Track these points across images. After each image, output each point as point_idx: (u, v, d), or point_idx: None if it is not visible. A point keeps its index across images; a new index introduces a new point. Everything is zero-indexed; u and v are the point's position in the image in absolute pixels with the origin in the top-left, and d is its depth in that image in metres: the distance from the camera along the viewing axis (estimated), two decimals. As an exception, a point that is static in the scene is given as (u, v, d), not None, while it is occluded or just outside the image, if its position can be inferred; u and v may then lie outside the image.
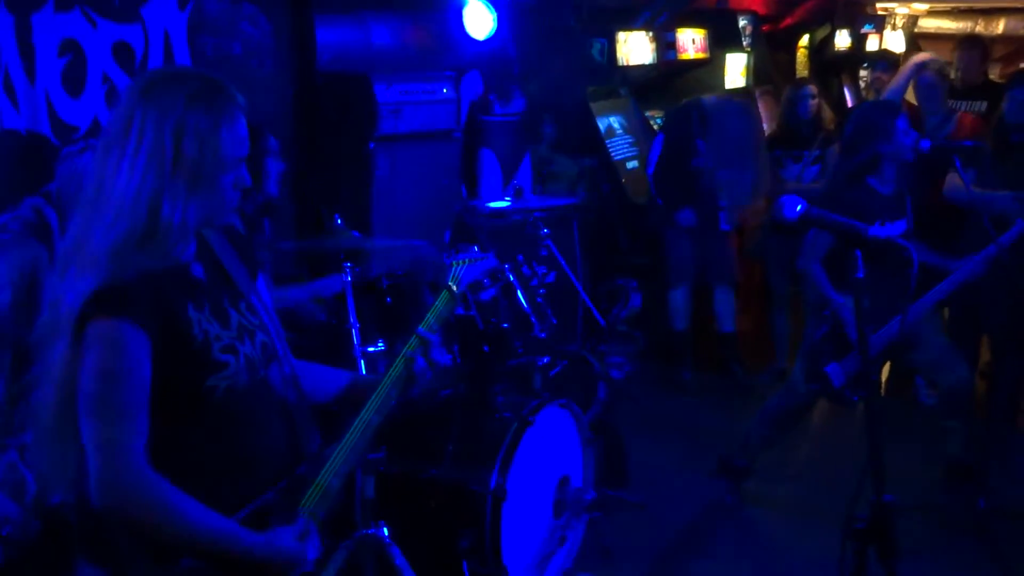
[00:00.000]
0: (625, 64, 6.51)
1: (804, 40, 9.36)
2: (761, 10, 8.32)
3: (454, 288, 2.25)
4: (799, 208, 2.18)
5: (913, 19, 11.09)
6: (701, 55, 7.40)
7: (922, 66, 5.41)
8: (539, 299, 3.74)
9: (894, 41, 10.68)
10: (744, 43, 7.88)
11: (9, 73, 3.01)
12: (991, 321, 4.95)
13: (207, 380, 1.73)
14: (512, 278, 3.60)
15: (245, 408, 1.81)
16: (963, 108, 5.65)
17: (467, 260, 2.32)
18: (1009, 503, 4.18)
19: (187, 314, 1.73)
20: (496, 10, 5.25)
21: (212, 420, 1.76)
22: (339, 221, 3.47)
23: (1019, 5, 10.18)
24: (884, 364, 3.83)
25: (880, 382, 5.14)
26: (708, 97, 5.87)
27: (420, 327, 2.10)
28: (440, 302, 2.21)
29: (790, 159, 5.79)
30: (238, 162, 1.77)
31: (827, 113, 5.94)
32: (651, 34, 6.77)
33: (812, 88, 5.84)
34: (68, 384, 1.66)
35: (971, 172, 4.48)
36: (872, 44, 10.18)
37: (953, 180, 4.67)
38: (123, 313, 1.64)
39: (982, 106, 5.88)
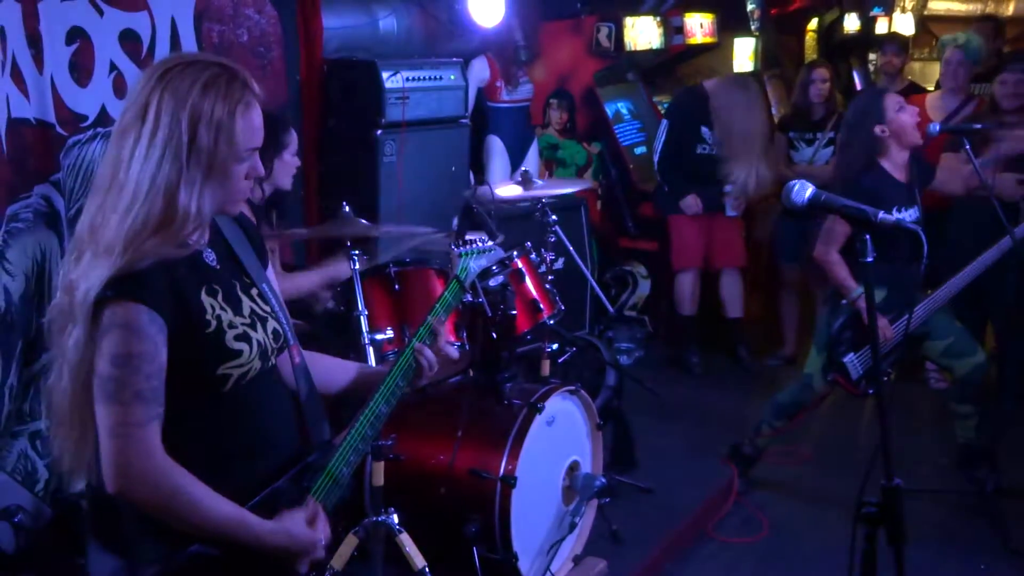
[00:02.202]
0: (633, 49, 6.49)
1: (813, 23, 9.31)
2: (769, -7, 8.29)
3: (463, 279, 2.25)
4: (808, 193, 2.17)
5: (922, 1, 11.02)
6: (709, 39, 7.36)
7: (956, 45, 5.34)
8: (547, 285, 3.74)
9: (903, 24, 10.62)
10: (752, 27, 7.84)
11: (17, 61, 3.01)
12: (997, 305, 4.93)
13: (219, 368, 1.73)
14: (520, 265, 3.60)
15: (256, 396, 1.82)
16: (973, 90, 5.63)
17: (476, 251, 2.32)
18: (1018, 486, 4.17)
19: (200, 300, 1.73)
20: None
21: (223, 407, 1.77)
22: (347, 209, 3.47)
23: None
24: (901, 356, 3.83)
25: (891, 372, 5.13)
26: (710, 81, 5.83)
27: (429, 317, 2.10)
28: (449, 292, 2.21)
29: (803, 142, 5.78)
30: (252, 152, 1.77)
31: (838, 96, 5.91)
32: (658, 18, 6.74)
33: (824, 71, 5.81)
34: (83, 369, 1.67)
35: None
36: (881, 27, 10.13)
37: (946, 164, 4.65)
38: (140, 298, 1.65)
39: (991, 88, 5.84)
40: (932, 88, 6.42)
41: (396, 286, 3.31)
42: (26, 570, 2.95)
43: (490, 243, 2.36)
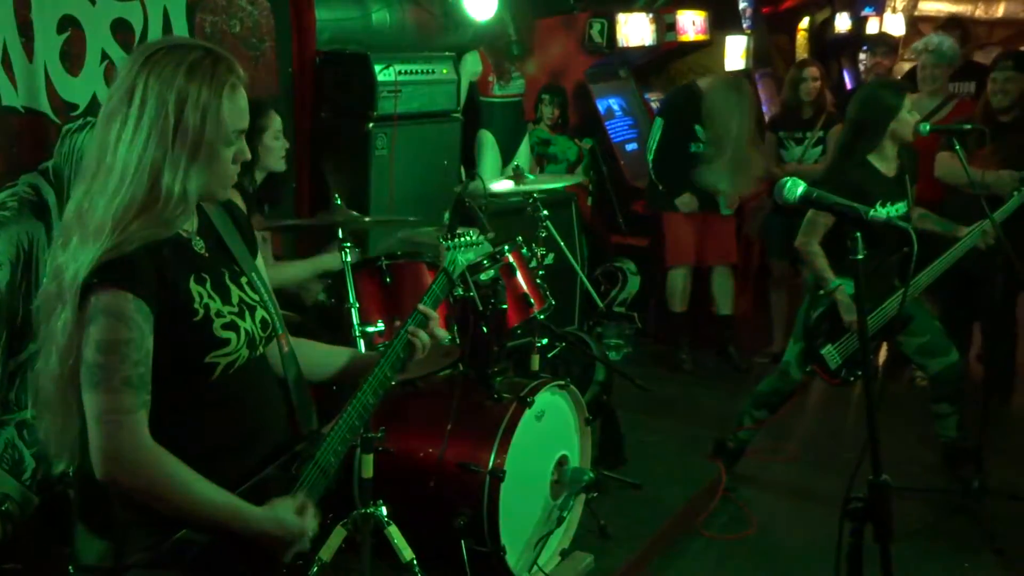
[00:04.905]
0: (625, 46, 6.49)
1: (804, 22, 9.35)
2: (761, -8, 8.31)
3: (451, 271, 2.26)
4: (800, 190, 2.18)
5: (913, 2, 11.07)
6: (701, 37, 7.38)
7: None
8: (538, 280, 3.74)
9: (894, 24, 10.66)
10: (744, 25, 7.86)
11: (7, 50, 2.99)
12: (983, 305, 4.96)
13: (206, 356, 1.73)
14: (511, 259, 3.60)
15: (244, 385, 1.82)
16: (951, 90, 5.67)
17: (463, 243, 2.32)
18: (1003, 484, 4.20)
19: (188, 288, 1.73)
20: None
21: (211, 396, 1.77)
22: (338, 201, 3.47)
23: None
24: (879, 346, 3.87)
25: (877, 365, 5.16)
26: (704, 79, 5.83)
27: (420, 304, 2.11)
28: (437, 284, 2.22)
29: (792, 140, 5.79)
30: (239, 134, 1.77)
31: (828, 95, 5.92)
32: (651, 15, 6.75)
33: (814, 70, 5.83)
34: (71, 354, 1.66)
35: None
36: (872, 27, 10.17)
37: (944, 160, 4.70)
38: (127, 284, 1.64)
39: (970, 87, 5.90)
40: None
41: (387, 279, 3.31)
42: (14, 559, 2.94)
43: (478, 236, 2.36)
